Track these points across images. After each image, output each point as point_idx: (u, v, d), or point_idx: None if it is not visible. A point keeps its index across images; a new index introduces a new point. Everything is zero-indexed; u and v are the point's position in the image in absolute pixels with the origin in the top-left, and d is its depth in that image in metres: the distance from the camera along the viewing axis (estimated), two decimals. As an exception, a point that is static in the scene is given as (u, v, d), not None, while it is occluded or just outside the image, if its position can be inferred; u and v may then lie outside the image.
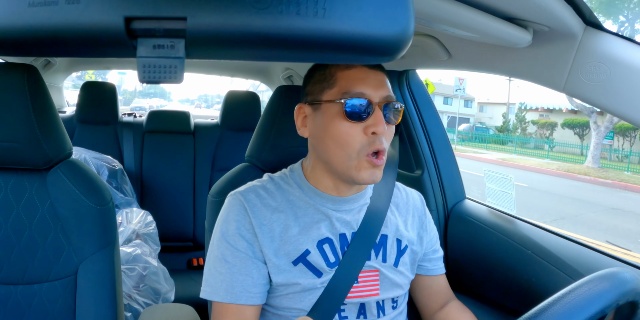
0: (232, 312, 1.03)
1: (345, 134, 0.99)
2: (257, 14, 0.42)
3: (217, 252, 1.06)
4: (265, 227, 1.06)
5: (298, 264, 1.05)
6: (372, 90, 1.00)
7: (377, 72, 1.03)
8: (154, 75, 0.44)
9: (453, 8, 0.88)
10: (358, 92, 0.99)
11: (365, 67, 1.03)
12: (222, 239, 1.06)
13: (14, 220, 1.18)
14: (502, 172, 1.67)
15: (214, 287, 1.04)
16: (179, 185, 2.74)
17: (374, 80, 1.01)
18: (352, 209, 1.11)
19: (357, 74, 1.02)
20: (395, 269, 1.13)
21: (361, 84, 1.00)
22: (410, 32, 0.46)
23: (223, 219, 1.08)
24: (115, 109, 2.76)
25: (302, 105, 1.10)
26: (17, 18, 0.42)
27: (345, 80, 1.01)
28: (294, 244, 1.05)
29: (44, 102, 1.14)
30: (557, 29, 0.95)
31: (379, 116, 0.98)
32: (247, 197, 1.08)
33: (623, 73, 0.91)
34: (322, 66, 1.08)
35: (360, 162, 1.00)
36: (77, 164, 1.24)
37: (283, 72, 2.94)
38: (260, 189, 1.11)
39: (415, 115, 1.79)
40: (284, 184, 1.12)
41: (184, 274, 2.51)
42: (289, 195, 1.10)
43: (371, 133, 0.98)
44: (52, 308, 1.18)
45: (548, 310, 0.62)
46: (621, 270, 0.72)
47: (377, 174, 1.01)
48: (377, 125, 0.98)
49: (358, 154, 0.99)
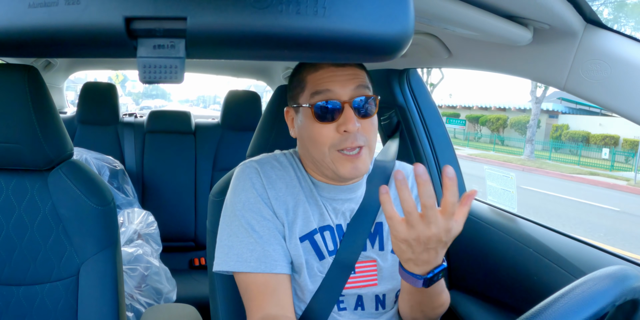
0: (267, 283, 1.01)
1: (318, 134, 1.01)
2: (257, 14, 0.42)
3: (242, 222, 1.04)
4: (281, 199, 1.07)
5: (305, 241, 1.06)
6: (340, 87, 1.01)
7: (344, 68, 1.03)
8: (154, 76, 0.44)
9: (453, 6, 0.88)
10: (325, 90, 1.01)
11: (332, 66, 1.03)
12: (244, 208, 1.04)
13: (16, 221, 1.18)
14: (504, 171, 1.67)
15: (243, 257, 1.02)
16: (180, 185, 2.74)
17: (342, 77, 1.02)
18: (349, 199, 1.12)
19: (324, 73, 1.02)
20: (393, 256, 1.13)
21: (327, 83, 1.01)
22: (411, 31, 0.45)
23: (240, 188, 1.07)
24: (116, 110, 2.76)
25: (288, 109, 1.13)
26: (17, 19, 0.42)
27: (313, 81, 1.03)
28: (304, 221, 1.06)
29: (45, 103, 1.14)
30: (558, 27, 0.95)
31: (348, 114, 0.99)
32: (264, 168, 1.09)
33: (624, 71, 0.91)
34: (296, 70, 1.10)
35: (335, 157, 1.01)
36: (79, 164, 1.24)
37: (284, 72, 2.94)
38: (274, 161, 1.12)
39: (416, 114, 1.79)
40: (294, 162, 1.14)
41: (185, 274, 2.51)
42: (298, 173, 1.12)
43: (343, 131, 0.99)
44: (54, 309, 1.18)
45: (550, 308, 0.62)
46: (623, 268, 0.72)
47: (358, 167, 1.02)
48: (346, 124, 0.98)
49: (329, 150, 1.01)
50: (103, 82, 2.77)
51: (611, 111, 0.95)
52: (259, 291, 1.01)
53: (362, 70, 1.06)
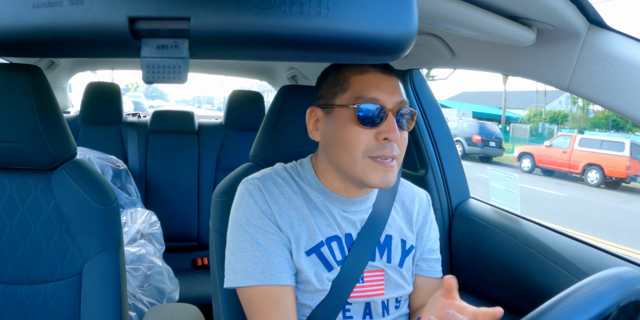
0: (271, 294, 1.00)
1: (356, 139, 0.98)
2: (261, 14, 0.42)
3: (246, 236, 1.03)
4: (284, 214, 1.05)
5: (311, 254, 1.05)
6: (386, 96, 0.99)
7: (391, 78, 1.02)
8: (158, 76, 0.44)
9: (457, 7, 0.88)
10: (371, 98, 0.98)
11: (379, 73, 1.01)
12: (249, 223, 1.03)
13: (19, 220, 1.18)
14: (506, 172, 1.66)
15: (247, 272, 1.01)
16: (183, 185, 2.74)
17: (388, 86, 1.00)
18: (360, 211, 1.11)
19: (372, 79, 1.00)
20: (400, 270, 1.12)
21: (375, 90, 0.99)
22: (414, 32, 0.45)
23: (244, 204, 1.06)
24: (120, 109, 2.76)
25: (314, 108, 1.08)
26: (21, 19, 0.42)
27: (359, 85, 1.00)
28: (310, 235, 1.05)
29: (49, 102, 1.14)
30: (561, 28, 0.95)
31: (392, 122, 0.97)
32: (265, 184, 1.07)
33: (627, 71, 0.90)
34: (335, 69, 1.06)
35: (367, 164, 0.99)
36: (82, 164, 1.24)
37: (287, 72, 2.94)
38: (276, 176, 1.10)
39: (420, 115, 1.79)
40: (296, 176, 1.12)
41: (188, 273, 2.51)
42: (302, 186, 1.10)
43: (383, 139, 0.97)
44: (57, 308, 1.19)
45: (552, 310, 0.62)
46: (626, 270, 0.72)
47: (389, 178, 0.99)
48: (390, 132, 0.96)
49: (363, 157, 0.98)
50: (107, 82, 2.78)
51: (614, 112, 0.95)
52: (262, 303, 1.00)
53: (400, 83, 1.04)
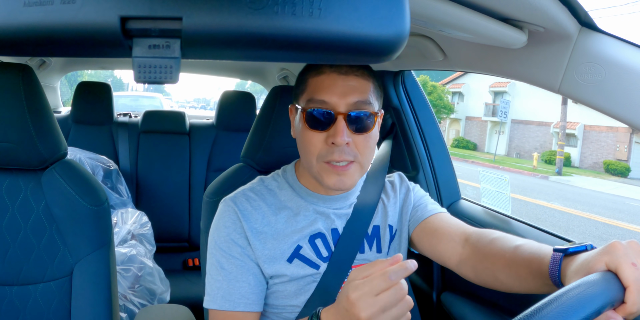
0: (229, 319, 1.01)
1: (309, 142, 0.99)
2: (253, 14, 0.42)
3: (213, 260, 1.05)
4: (257, 230, 1.05)
5: (293, 260, 1.05)
6: (337, 98, 0.97)
7: (348, 78, 0.99)
8: (149, 76, 0.44)
9: (448, 9, 0.88)
10: (320, 100, 0.98)
11: (334, 73, 0.99)
12: (216, 246, 1.05)
13: (9, 220, 1.17)
14: (497, 173, 1.67)
15: (212, 295, 1.03)
16: (174, 186, 2.73)
17: (342, 87, 0.98)
18: (344, 206, 1.12)
19: (324, 80, 0.99)
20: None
21: (325, 92, 0.98)
22: (406, 33, 0.46)
23: (215, 227, 1.08)
24: (111, 109, 2.75)
25: (291, 106, 1.10)
26: (12, 18, 0.42)
27: (313, 86, 1.00)
28: (287, 243, 1.05)
29: (39, 102, 1.14)
30: (553, 30, 0.96)
31: (340, 127, 0.96)
32: (237, 202, 1.08)
33: (618, 74, 0.91)
34: (302, 71, 1.07)
35: (322, 167, 0.99)
36: (72, 164, 1.24)
37: (279, 73, 2.94)
38: (249, 192, 1.10)
39: (411, 116, 1.80)
40: (275, 186, 1.12)
41: (179, 274, 2.50)
42: (279, 195, 1.11)
43: (331, 143, 0.97)
44: (47, 309, 1.18)
45: (543, 310, 0.62)
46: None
47: (344, 181, 0.99)
48: (335, 136, 0.96)
49: (317, 161, 0.99)
50: (98, 82, 2.76)
51: (606, 114, 0.95)
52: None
53: (368, 82, 1.01)
